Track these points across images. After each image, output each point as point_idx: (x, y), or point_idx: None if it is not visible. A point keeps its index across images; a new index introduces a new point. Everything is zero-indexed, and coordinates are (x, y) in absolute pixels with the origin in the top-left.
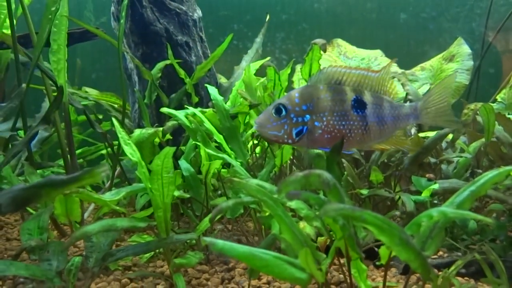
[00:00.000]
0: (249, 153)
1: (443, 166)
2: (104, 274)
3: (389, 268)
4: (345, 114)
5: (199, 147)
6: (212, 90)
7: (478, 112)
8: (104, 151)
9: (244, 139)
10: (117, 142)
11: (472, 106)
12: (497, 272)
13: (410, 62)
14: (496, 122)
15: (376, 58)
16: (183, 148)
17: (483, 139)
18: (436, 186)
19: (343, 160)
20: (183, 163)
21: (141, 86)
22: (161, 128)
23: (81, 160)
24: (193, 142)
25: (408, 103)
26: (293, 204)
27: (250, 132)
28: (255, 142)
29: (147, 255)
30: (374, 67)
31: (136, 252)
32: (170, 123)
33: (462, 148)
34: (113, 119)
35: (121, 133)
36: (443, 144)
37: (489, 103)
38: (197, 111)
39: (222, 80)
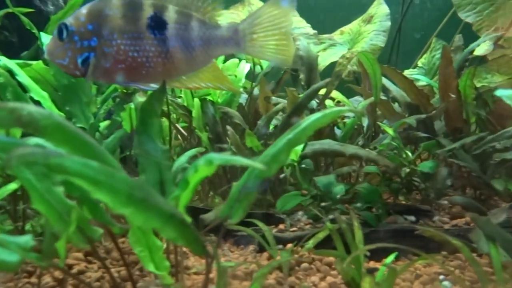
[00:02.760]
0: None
1: (338, 131)
2: None
3: (248, 245)
4: (139, 37)
5: None
6: (45, 39)
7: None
8: None
9: (101, 101)
10: None
11: (348, 54)
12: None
13: (332, 26)
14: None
15: None
16: None
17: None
18: (299, 147)
19: (228, 127)
20: None
21: None
22: None
23: None
24: None
25: (227, 24)
26: None
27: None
28: None
29: None
30: None
31: None
32: None
33: None
34: None
35: None
36: None
37: (411, 68)
38: (10, 61)
39: None
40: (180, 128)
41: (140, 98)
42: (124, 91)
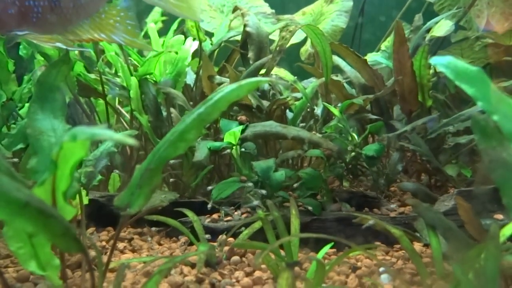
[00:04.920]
0: None
1: (290, 114)
2: None
3: (181, 237)
4: None
5: None
6: None
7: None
8: None
9: (27, 79)
10: None
11: (291, 27)
12: (279, 231)
13: (294, 7)
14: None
15: None
16: None
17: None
18: (237, 129)
19: (172, 110)
20: None
21: None
22: None
23: None
24: None
25: None
26: None
27: None
28: None
29: None
30: (242, 4)
31: None
32: None
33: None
34: None
35: None
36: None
37: (374, 52)
38: None
39: None
40: (123, 111)
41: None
42: None
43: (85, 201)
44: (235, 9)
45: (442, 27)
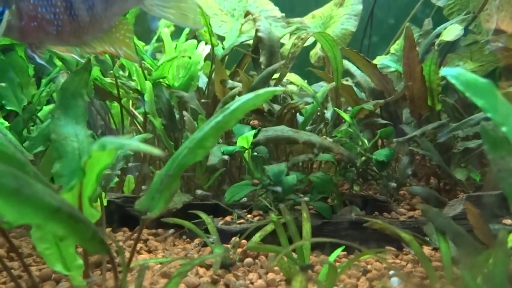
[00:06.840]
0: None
1: (300, 117)
2: None
3: (195, 238)
4: None
5: None
6: None
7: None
8: None
9: (45, 83)
10: None
11: (303, 35)
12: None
13: (303, 10)
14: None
15: None
16: None
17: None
18: (250, 133)
19: (185, 113)
20: None
21: None
22: None
23: None
24: None
25: None
26: None
27: None
28: None
29: None
30: (252, 8)
31: None
32: None
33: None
34: None
35: None
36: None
37: (383, 55)
38: None
39: None
40: (137, 113)
41: (63, 79)
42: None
43: (104, 202)
44: (247, 13)
45: (451, 31)
